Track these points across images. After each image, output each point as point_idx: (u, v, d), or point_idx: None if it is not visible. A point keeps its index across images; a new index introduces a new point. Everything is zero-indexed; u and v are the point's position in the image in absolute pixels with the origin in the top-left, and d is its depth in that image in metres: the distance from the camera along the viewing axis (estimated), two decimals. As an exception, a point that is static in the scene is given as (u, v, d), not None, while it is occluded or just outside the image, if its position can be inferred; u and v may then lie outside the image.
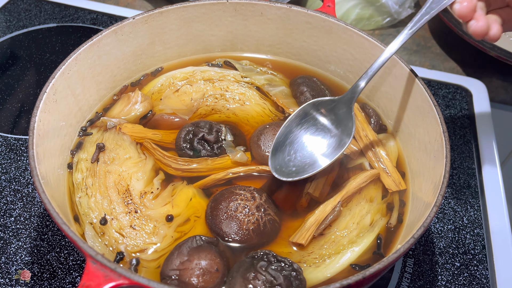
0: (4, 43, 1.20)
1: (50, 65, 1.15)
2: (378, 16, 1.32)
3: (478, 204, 0.94)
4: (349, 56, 0.91)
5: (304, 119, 0.76)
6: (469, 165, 1.01)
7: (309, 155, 0.74)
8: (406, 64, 0.81)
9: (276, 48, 0.99)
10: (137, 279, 0.53)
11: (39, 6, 1.31)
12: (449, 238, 0.88)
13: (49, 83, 0.73)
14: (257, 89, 0.92)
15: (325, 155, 0.74)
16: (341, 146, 0.73)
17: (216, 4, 0.91)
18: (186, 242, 0.66)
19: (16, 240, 0.82)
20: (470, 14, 0.70)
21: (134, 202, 0.73)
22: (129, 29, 0.86)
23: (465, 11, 0.69)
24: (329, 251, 0.70)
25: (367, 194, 0.77)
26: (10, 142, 0.97)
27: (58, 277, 0.78)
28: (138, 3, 1.38)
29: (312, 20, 0.91)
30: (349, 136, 0.73)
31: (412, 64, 1.26)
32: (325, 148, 0.74)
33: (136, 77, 0.94)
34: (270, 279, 0.62)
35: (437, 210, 0.63)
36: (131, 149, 0.79)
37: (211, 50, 1.00)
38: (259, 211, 0.70)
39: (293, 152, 0.74)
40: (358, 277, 0.55)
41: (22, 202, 0.87)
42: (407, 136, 0.83)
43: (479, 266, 0.85)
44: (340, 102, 0.76)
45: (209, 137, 0.80)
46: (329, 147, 0.74)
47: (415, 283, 0.81)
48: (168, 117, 0.87)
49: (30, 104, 1.05)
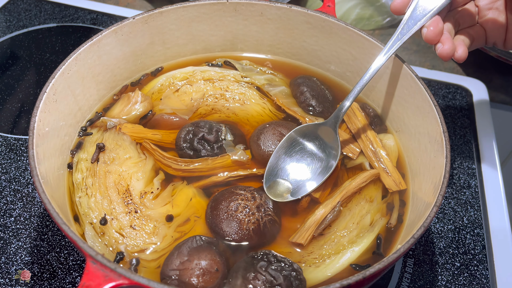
0: (4, 43, 1.20)
1: (50, 65, 1.15)
2: (378, 16, 1.32)
3: (478, 204, 0.94)
4: (349, 56, 0.91)
5: (292, 146, 0.79)
6: (469, 165, 1.01)
7: (297, 181, 0.77)
8: (406, 64, 0.81)
9: (276, 48, 0.99)
10: (137, 279, 0.53)
11: (39, 6, 1.31)
12: (449, 238, 0.88)
13: (49, 83, 0.73)
14: (257, 89, 0.92)
15: (313, 178, 0.77)
16: (328, 169, 0.77)
17: (216, 4, 0.91)
18: (186, 242, 0.66)
19: (16, 240, 0.82)
20: (436, 38, 0.73)
21: (134, 202, 0.73)
22: (129, 29, 0.86)
23: (431, 35, 0.72)
24: (329, 251, 0.70)
25: (367, 194, 0.77)
26: (10, 142, 0.97)
27: (58, 277, 0.78)
28: (138, 3, 1.38)
29: (312, 20, 0.91)
30: (335, 159, 0.78)
31: (412, 64, 1.26)
32: (312, 173, 0.78)
33: (136, 77, 0.94)
34: (270, 279, 0.62)
35: (437, 210, 0.63)
36: (131, 149, 0.79)
37: (211, 50, 1.00)
38: (259, 211, 0.70)
39: (285, 177, 0.77)
40: (358, 277, 0.55)
41: (22, 202, 0.87)
42: (407, 136, 0.83)
43: (479, 266, 0.85)
44: (325, 126, 0.79)
45: (209, 137, 0.80)
46: (316, 171, 0.78)
47: (415, 283, 0.81)
48: (168, 117, 0.87)
49: (30, 104, 1.05)
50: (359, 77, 0.92)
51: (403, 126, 0.84)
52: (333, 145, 0.78)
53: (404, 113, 0.84)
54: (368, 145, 0.83)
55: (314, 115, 0.88)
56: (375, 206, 0.76)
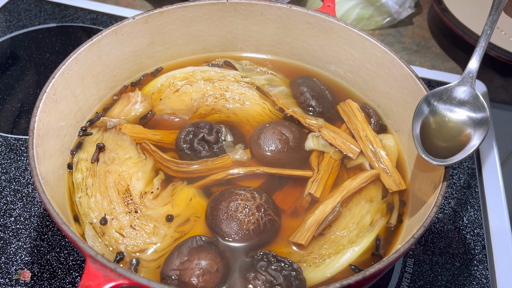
0: (4, 43, 1.20)
1: (50, 65, 1.15)
2: (378, 16, 1.32)
3: (478, 204, 0.94)
4: (349, 56, 0.91)
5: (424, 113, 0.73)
6: (469, 165, 1.01)
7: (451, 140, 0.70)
8: (406, 64, 0.81)
9: (276, 48, 0.99)
10: (137, 279, 0.53)
11: (39, 6, 1.31)
12: (449, 238, 0.88)
13: (49, 83, 0.73)
14: (257, 89, 0.92)
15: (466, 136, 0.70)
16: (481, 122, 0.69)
17: (216, 4, 0.91)
18: (186, 242, 0.66)
19: (16, 240, 0.82)
20: None
21: (134, 202, 0.73)
22: (129, 29, 0.86)
23: None
24: (329, 251, 0.70)
25: (367, 194, 0.77)
26: (10, 142, 0.97)
27: (58, 277, 0.78)
28: (138, 3, 1.38)
29: (312, 20, 0.91)
30: (484, 110, 0.69)
31: (412, 64, 1.26)
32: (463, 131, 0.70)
33: (136, 77, 0.94)
34: (270, 279, 0.62)
35: (437, 210, 0.63)
36: (131, 149, 0.79)
37: (211, 50, 1.00)
38: (259, 211, 0.70)
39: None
40: (358, 277, 0.55)
41: (22, 202, 0.87)
42: (407, 136, 0.83)
43: (479, 266, 0.85)
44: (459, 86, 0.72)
45: (209, 138, 0.80)
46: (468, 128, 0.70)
47: (415, 283, 0.81)
48: (168, 117, 0.87)
49: (30, 104, 1.05)
50: (359, 77, 0.92)
51: (403, 126, 0.84)
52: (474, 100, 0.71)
53: (404, 113, 0.84)
54: (368, 145, 0.83)
55: (314, 115, 0.88)
56: (375, 206, 0.76)
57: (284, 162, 0.80)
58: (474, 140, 0.68)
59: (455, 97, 0.73)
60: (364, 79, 0.91)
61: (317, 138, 0.84)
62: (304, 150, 0.83)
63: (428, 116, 0.73)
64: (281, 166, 0.80)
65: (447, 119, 0.72)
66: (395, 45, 1.32)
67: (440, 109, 0.73)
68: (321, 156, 0.82)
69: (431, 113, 0.73)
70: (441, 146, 0.71)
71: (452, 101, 0.73)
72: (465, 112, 0.71)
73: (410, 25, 1.39)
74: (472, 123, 0.70)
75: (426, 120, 0.72)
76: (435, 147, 0.70)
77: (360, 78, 0.92)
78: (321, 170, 0.79)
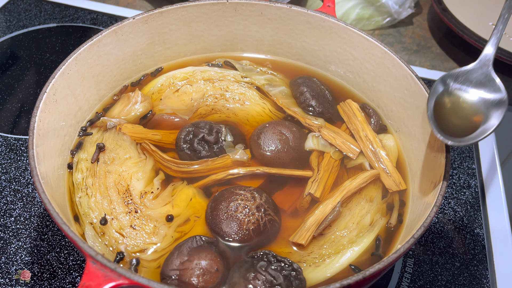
0: (4, 43, 1.20)
1: (50, 65, 1.15)
2: (378, 16, 1.32)
3: (478, 204, 0.94)
4: (349, 56, 0.91)
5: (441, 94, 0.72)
6: (469, 165, 1.01)
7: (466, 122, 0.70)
8: (406, 64, 0.81)
9: (276, 48, 0.99)
10: (137, 279, 0.53)
11: (39, 6, 1.31)
12: (449, 238, 0.88)
13: (49, 83, 0.73)
14: (257, 89, 0.92)
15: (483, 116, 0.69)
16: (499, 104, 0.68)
17: (216, 4, 0.91)
18: (186, 242, 0.66)
19: (16, 240, 0.82)
20: None
21: (134, 202, 0.73)
22: (129, 29, 0.86)
23: None
24: (329, 251, 0.70)
25: (367, 194, 0.77)
26: (10, 142, 0.97)
27: (58, 277, 0.78)
28: (138, 3, 1.38)
29: (312, 20, 0.91)
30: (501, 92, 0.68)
31: (412, 64, 1.26)
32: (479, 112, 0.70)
33: (136, 77, 0.94)
34: (270, 279, 0.62)
35: (437, 210, 0.63)
36: (131, 149, 0.79)
37: (211, 50, 1.00)
38: (259, 211, 0.70)
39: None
40: (358, 277, 0.55)
41: (22, 202, 0.87)
42: (407, 136, 0.83)
43: (479, 266, 0.85)
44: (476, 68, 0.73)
45: (209, 138, 0.80)
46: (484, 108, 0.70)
47: (415, 283, 0.81)
48: (168, 117, 0.87)
49: (30, 104, 1.05)
50: (359, 77, 0.93)
51: (403, 126, 0.84)
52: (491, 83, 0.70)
53: (404, 113, 0.84)
54: (368, 145, 0.83)
55: (314, 115, 0.88)
56: (375, 206, 0.76)
57: (284, 162, 0.80)
58: (493, 121, 0.67)
59: (472, 80, 0.72)
60: (364, 79, 0.91)
61: (317, 138, 0.84)
62: (304, 150, 0.83)
63: (443, 96, 0.72)
64: (281, 166, 0.80)
65: (462, 99, 0.72)
66: (395, 45, 1.32)
67: (456, 89, 0.72)
68: (321, 156, 0.82)
69: (447, 93, 0.72)
70: (455, 126, 0.70)
71: (469, 83, 0.72)
72: (482, 93, 0.71)
73: (410, 25, 1.39)
74: (489, 104, 0.69)
75: (441, 99, 0.72)
76: (450, 126, 0.70)
77: (360, 78, 0.92)
78: (321, 170, 0.79)
